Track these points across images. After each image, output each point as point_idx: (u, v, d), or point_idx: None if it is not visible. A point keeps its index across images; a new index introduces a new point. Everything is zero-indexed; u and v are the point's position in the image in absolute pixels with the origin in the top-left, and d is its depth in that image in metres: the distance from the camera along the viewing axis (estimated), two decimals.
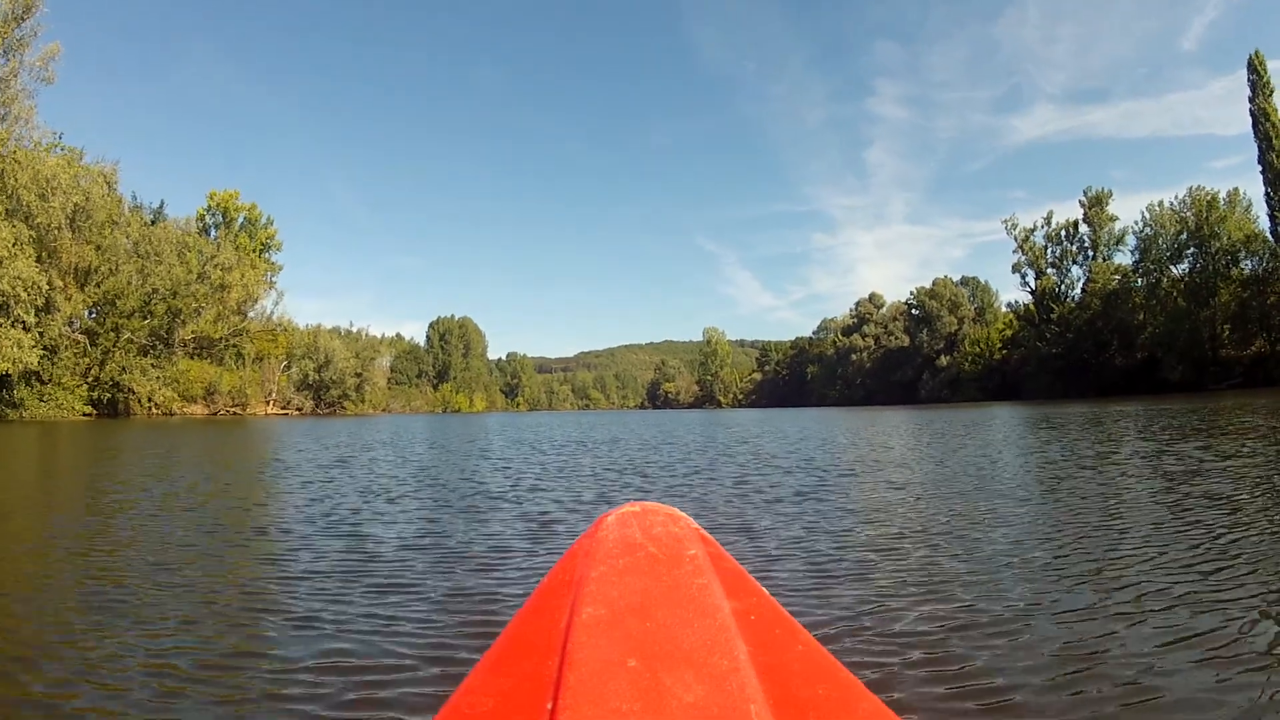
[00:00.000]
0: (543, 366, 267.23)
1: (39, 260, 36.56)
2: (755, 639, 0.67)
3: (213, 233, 64.62)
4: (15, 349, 29.89)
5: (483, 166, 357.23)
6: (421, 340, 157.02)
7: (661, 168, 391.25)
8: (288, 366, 73.26)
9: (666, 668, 0.59)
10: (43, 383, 35.90)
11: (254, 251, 65.24)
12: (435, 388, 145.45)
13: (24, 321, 30.75)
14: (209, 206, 68.03)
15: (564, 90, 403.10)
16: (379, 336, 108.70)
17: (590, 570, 0.78)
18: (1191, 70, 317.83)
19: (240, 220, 69.13)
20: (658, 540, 0.85)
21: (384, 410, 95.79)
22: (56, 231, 33.52)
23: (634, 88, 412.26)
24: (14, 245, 30.13)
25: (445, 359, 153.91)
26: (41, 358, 33.66)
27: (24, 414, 33.82)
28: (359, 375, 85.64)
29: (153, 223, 50.53)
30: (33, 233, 31.95)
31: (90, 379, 40.21)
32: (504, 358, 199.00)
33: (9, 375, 31.48)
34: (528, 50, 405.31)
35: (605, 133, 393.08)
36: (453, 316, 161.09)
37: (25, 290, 30.22)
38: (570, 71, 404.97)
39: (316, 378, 77.48)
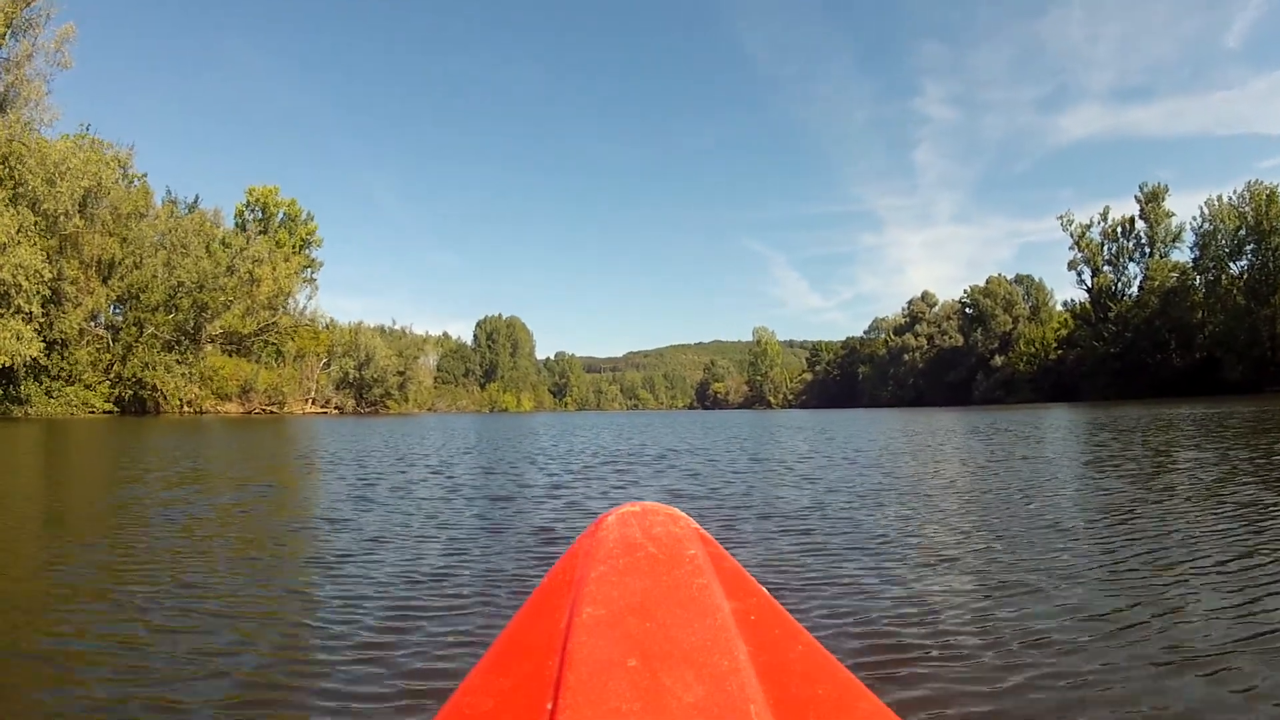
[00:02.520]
0: (591, 366, 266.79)
1: (60, 252, 35.27)
2: (755, 639, 0.67)
3: (251, 229, 63.73)
4: (14, 341, 28.10)
5: (525, 167, 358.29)
6: (469, 339, 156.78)
7: (707, 168, 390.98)
8: (327, 364, 72.10)
9: (666, 668, 0.59)
10: (52, 378, 34.30)
11: (293, 248, 64.12)
12: (482, 387, 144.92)
13: (26, 312, 29.02)
14: (248, 202, 67.20)
15: (607, 91, 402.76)
16: (423, 335, 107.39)
17: (590, 570, 0.78)
18: (1235, 68, 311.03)
19: (280, 216, 68.20)
20: (658, 540, 0.85)
21: (429, 409, 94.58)
22: (64, 218, 31.76)
23: (678, 88, 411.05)
24: (17, 232, 28.43)
25: (493, 358, 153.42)
26: (51, 351, 32.15)
27: (29, 411, 32.18)
28: (402, 374, 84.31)
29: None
30: (39, 219, 30.26)
31: (112, 376, 38.76)
32: (552, 357, 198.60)
33: (13, 370, 29.83)
34: (569, 51, 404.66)
35: (649, 133, 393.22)
36: (500, 315, 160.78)
37: (27, 279, 28.47)
38: (612, 72, 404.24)
39: (357, 376, 76.30)
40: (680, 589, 0.72)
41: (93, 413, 35.81)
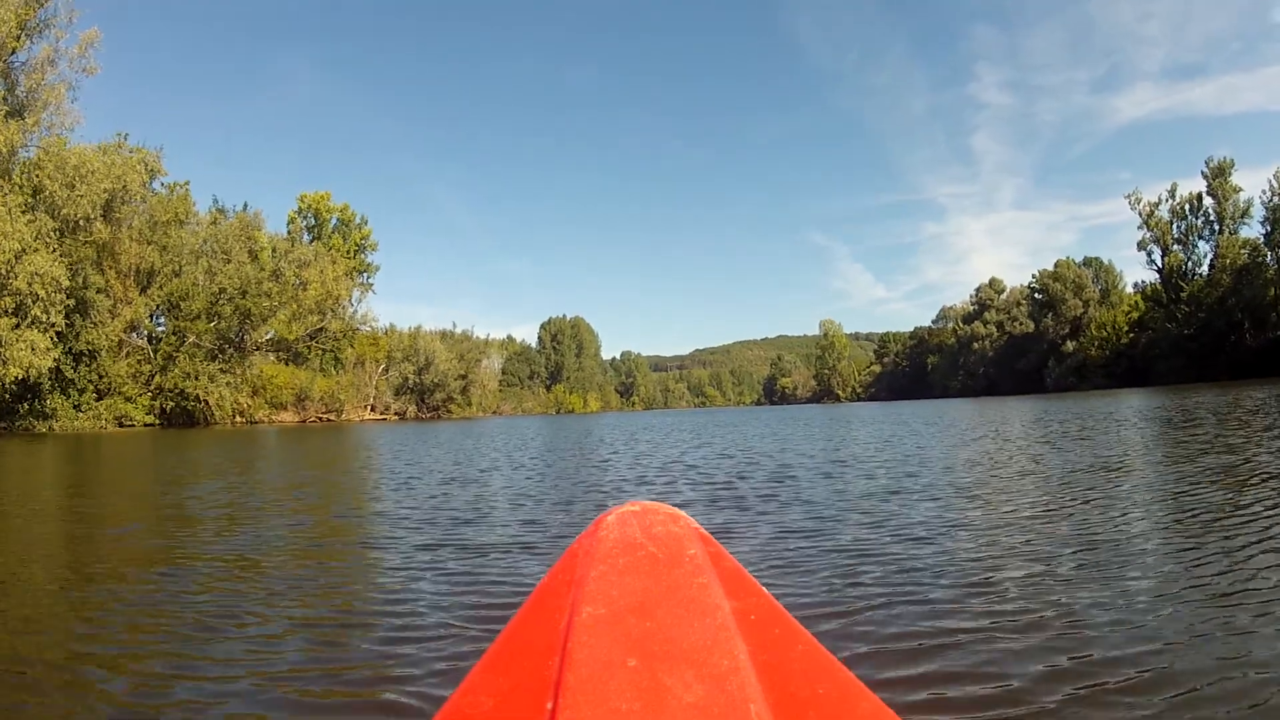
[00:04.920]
0: (657, 365, 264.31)
1: (96, 262, 34.22)
2: (755, 639, 0.67)
3: (306, 237, 62.95)
4: (28, 353, 26.61)
5: (584, 169, 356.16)
6: (534, 342, 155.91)
7: (767, 163, 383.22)
8: (386, 370, 71.00)
9: (666, 667, 0.58)
10: (80, 391, 33.05)
11: (347, 253, 63.07)
12: (548, 389, 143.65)
13: (44, 322, 27.54)
14: (300, 209, 66.55)
15: (662, 89, 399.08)
16: (486, 338, 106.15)
17: (590, 570, 0.77)
18: None
19: (333, 222, 67.43)
20: (658, 540, 0.84)
21: (493, 413, 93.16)
22: (86, 224, 30.32)
23: (734, 85, 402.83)
24: (34, 239, 26.97)
25: (558, 359, 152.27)
26: (79, 363, 30.82)
27: (54, 426, 30.85)
28: (463, 377, 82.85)
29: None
30: (59, 225, 28.83)
31: (153, 387, 37.58)
32: (618, 357, 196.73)
33: (33, 383, 28.47)
34: (625, 51, 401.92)
35: (705, 131, 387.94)
36: (564, 317, 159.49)
37: (44, 287, 27.00)
38: (667, 71, 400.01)
39: (417, 381, 75.14)
40: (680, 588, 0.71)
41: (129, 426, 34.53)
